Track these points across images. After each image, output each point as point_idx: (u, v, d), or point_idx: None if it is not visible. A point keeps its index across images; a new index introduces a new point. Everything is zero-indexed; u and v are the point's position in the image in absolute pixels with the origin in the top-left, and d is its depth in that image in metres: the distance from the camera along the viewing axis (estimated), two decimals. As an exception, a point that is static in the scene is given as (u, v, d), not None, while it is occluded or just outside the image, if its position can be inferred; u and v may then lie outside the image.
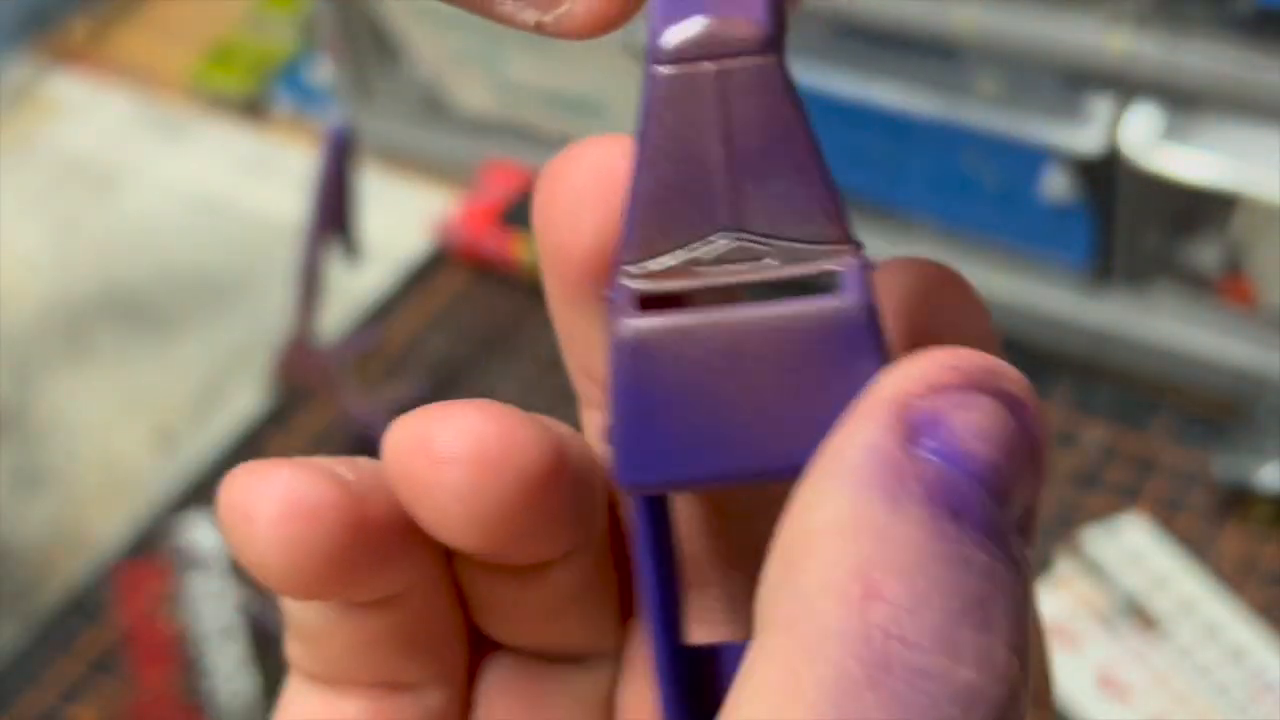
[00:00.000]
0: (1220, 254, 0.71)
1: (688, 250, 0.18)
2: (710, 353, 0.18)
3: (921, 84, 0.71)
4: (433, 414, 0.19)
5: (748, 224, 0.18)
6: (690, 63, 0.19)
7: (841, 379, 0.17)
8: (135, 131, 0.98)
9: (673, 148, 0.18)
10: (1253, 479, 0.66)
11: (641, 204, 0.18)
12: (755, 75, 0.18)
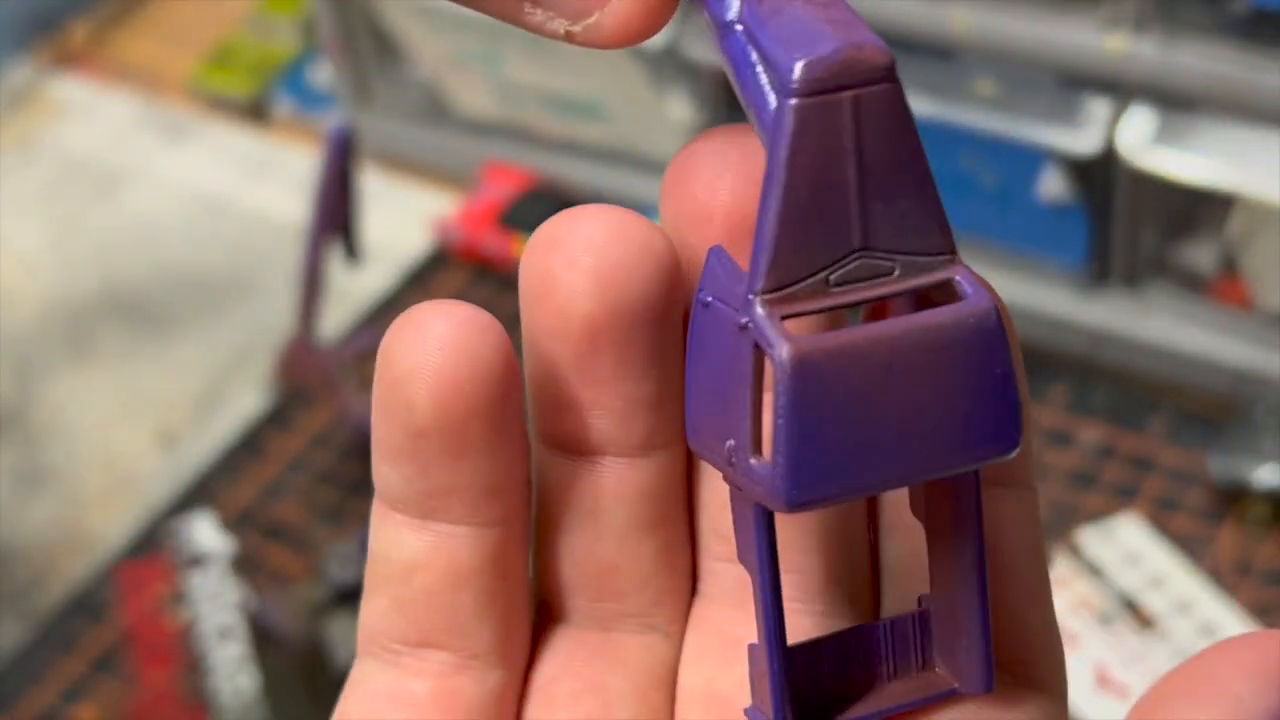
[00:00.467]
0: (1216, 254, 0.71)
1: (821, 275, 0.19)
2: (866, 368, 0.19)
3: (919, 85, 0.71)
4: (572, 214, 0.21)
5: (874, 242, 0.19)
6: (827, 94, 0.19)
7: (980, 374, 0.19)
8: (137, 133, 0.99)
9: (809, 176, 0.19)
10: (1249, 479, 0.67)
11: (779, 232, 0.19)
12: (885, 101, 0.19)
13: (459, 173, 0.90)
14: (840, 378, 0.19)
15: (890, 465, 0.19)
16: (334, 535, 0.73)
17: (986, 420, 0.19)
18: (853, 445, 0.19)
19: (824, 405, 0.19)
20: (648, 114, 0.82)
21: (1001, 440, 0.19)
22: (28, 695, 0.69)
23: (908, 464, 0.19)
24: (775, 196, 0.19)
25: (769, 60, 0.20)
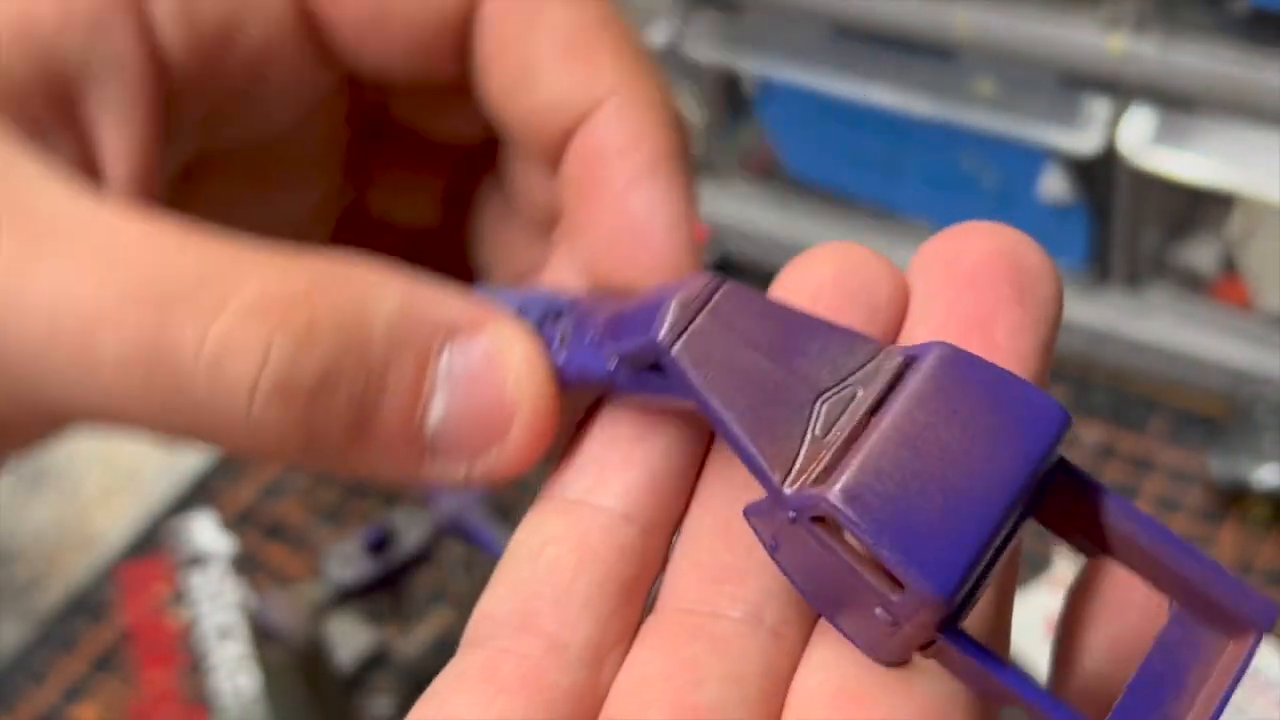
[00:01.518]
0: (1216, 254, 0.71)
1: (808, 437, 0.20)
2: (900, 455, 0.20)
3: (920, 85, 0.71)
4: None
5: (822, 385, 0.21)
6: (687, 327, 0.21)
7: (982, 390, 0.20)
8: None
9: (730, 381, 0.20)
10: (1249, 479, 0.67)
11: (752, 439, 0.20)
12: (733, 295, 0.21)
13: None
14: (887, 477, 0.19)
15: (987, 503, 0.19)
16: (334, 535, 0.73)
17: (1021, 416, 0.20)
18: (945, 515, 0.19)
19: (895, 508, 0.19)
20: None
21: (1046, 418, 0.20)
22: (29, 694, 0.69)
23: (997, 492, 0.20)
24: (725, 421, 0.20)
25: (627, 342, 0.21)
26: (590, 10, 0.25)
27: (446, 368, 0.22)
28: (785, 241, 0.80)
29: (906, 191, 0.76)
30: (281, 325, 0.21)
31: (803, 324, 0.21)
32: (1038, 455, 0.20)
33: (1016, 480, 0.20)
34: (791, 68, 0.74)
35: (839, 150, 0.77)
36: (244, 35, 0.24)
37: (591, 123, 0.24)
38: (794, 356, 0.20)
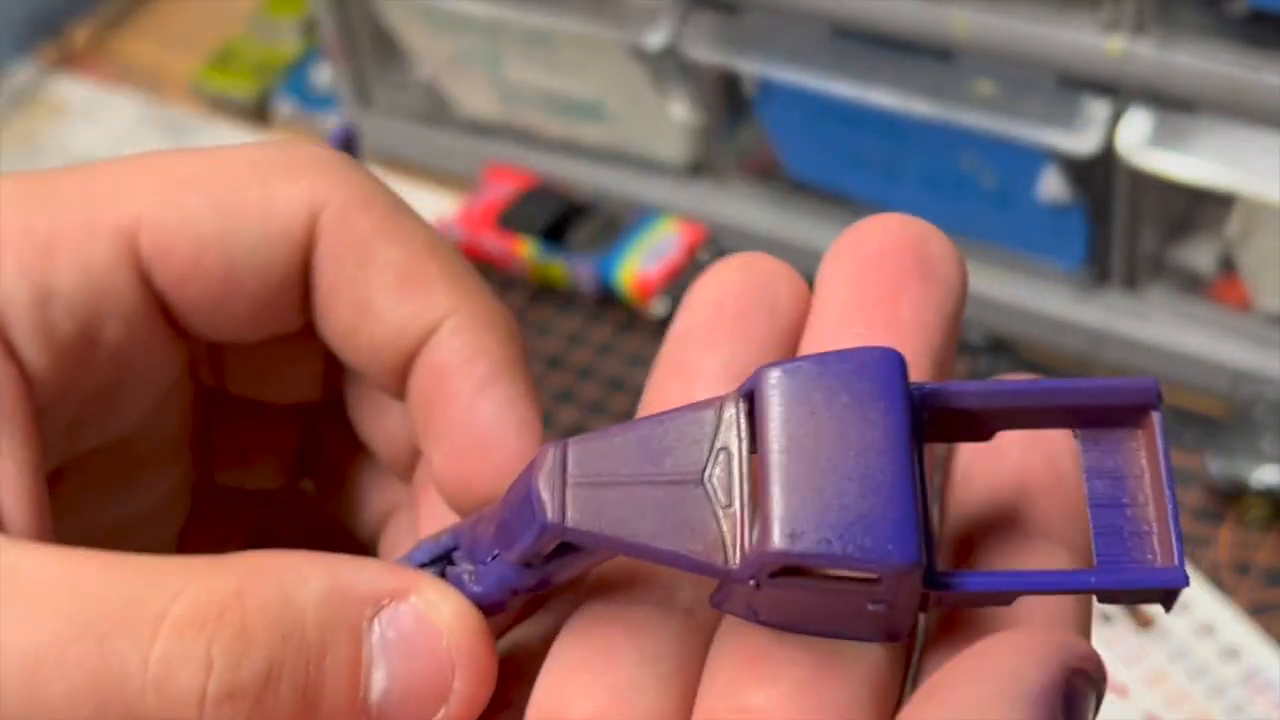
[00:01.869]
0: (1215, 255, 0.72)
1: (719, 514, 0.21)
2: (803, 483, 0.20)
3: (918, 86, 0.72)
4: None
5: (699, 465, 0.22)
6: (565, 496, 0.21)
7: (826, 387, 0.21)
8: (139, 133, 0.99)
9: (631, 517, 0.21)
10: (1248, 479, 0.67)
11: (681, 549, 0.21)
12: (579, 447, 0.22)
13: (460, 173, 0.90)
14: (806, 499, 0.20)
15: (892, 465, 0.20)
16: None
17: (866, 379, 0.21)
18: (868, 498, 0.20)
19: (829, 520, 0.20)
20: (648, 114, 0.82)
21: (886, 368, 0.21)
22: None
23: (892, 451, 0.20)
24: (649, 549, 0.21)
25: (523, 542, 0.22)
26: (418, 240, 0.26)
27: (380, 638, 0.23)
28: (784, 242, 0.80)
29: (905, 192, 0.76)
30: (218, 633, 0.22)
31: (647, 431, 0.21)
32: (900, 400, 0.21)
33: (900, 431, 0.20)
34: (790, 68, 0.74)
35: (838, 151, 0.77)
36: (103, 337, 0.25)
37: (432, 343, 0.26)
38: (661, 459, 0.21)
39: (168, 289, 0.25)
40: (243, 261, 0.25)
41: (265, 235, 0.25)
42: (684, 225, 0.82)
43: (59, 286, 0.24)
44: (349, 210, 0.25)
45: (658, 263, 0.81)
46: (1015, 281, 0.75)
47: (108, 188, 0.26)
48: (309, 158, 0.26)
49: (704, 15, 0.76)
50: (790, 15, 0.74)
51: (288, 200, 0.25)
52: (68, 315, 0.24)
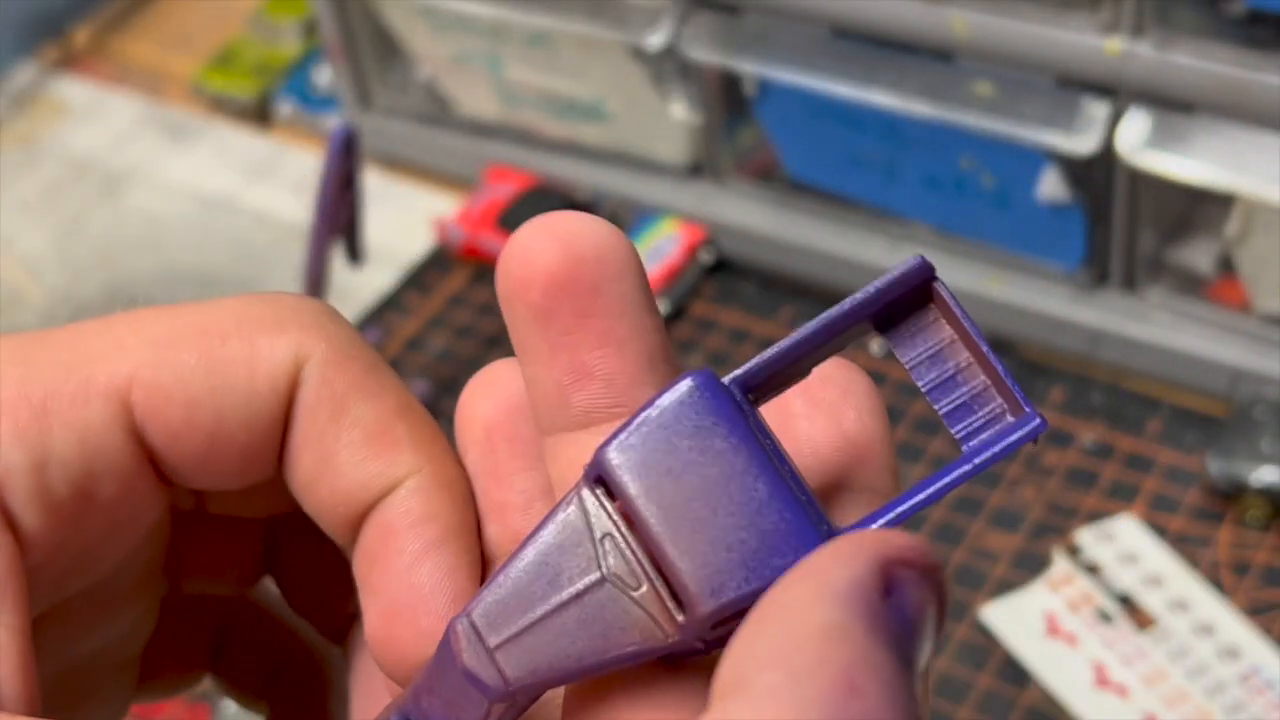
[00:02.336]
0: (1214, 256, 0.72)
1: (634, 599, 0.21)
2: (694, 533, 0.21)
3: (918, 87, 0.72)
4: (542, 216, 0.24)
5: (595, 567, 0.22)
6: (489, 651, 0.22)
7: (659, 433, 0.21)
8: (141, 134, 0.99)
9: (564, 638, 0.22)
10: (1246, 479, 0.67)
11: (621, 650, 0.21)
12: (488, 613, 0.22)
13: (460, 173, 0.90)
14: (708, 548, 0.21)
15: (759, 478, 0.21)
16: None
17: (686, 405, 0.22)
18: (755, 520, 0.21)
19: (737, 557, 0.20)
20: (648, 115, 0.82)
21: (699, 387, 0.21)
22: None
23: (749, 463, 0.21)
24: (597, 661, 0.21)
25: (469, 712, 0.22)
26: (389, 400, 0.26)
27: None
28: (784, 243, 0.80)
29: (905, 193, 0.76)
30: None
31: (530, 562, 0.21)
32: (728, 415, 0.21)
33: (745, 441, 0.21)
34: (790, 69, 0.74)
35: (837, 151, 0.77)
36: (97, 497, 0.26)
37: (387, 500, 0.26)
38: (559, 580, 0.21)
39: (159, 446, 0.26)
40: (232, 416, 0.26)
41: (253, 390, 0.26)
42: (684, 225, 0.82)
43: (55, 451, 0.25)
44: (328, 364, 0.26)
45: (658, 262, 0.81)
46: (1014, 281, 0.75)
47: (99, 348, 0.26)
48: (292, 311, 0.27)
49: (704, 16, 0.77)
50: (790, 16, 0.74)
51: (273, 354, 0.26)
52: (64, 479, 0.25)
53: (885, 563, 0.20)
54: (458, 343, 0.82)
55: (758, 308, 0.81)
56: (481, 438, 0.25)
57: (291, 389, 0.26)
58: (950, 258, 0.77)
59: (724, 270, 0.83)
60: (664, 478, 0.21)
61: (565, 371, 0.23)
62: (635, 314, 0.23)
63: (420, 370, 0.80)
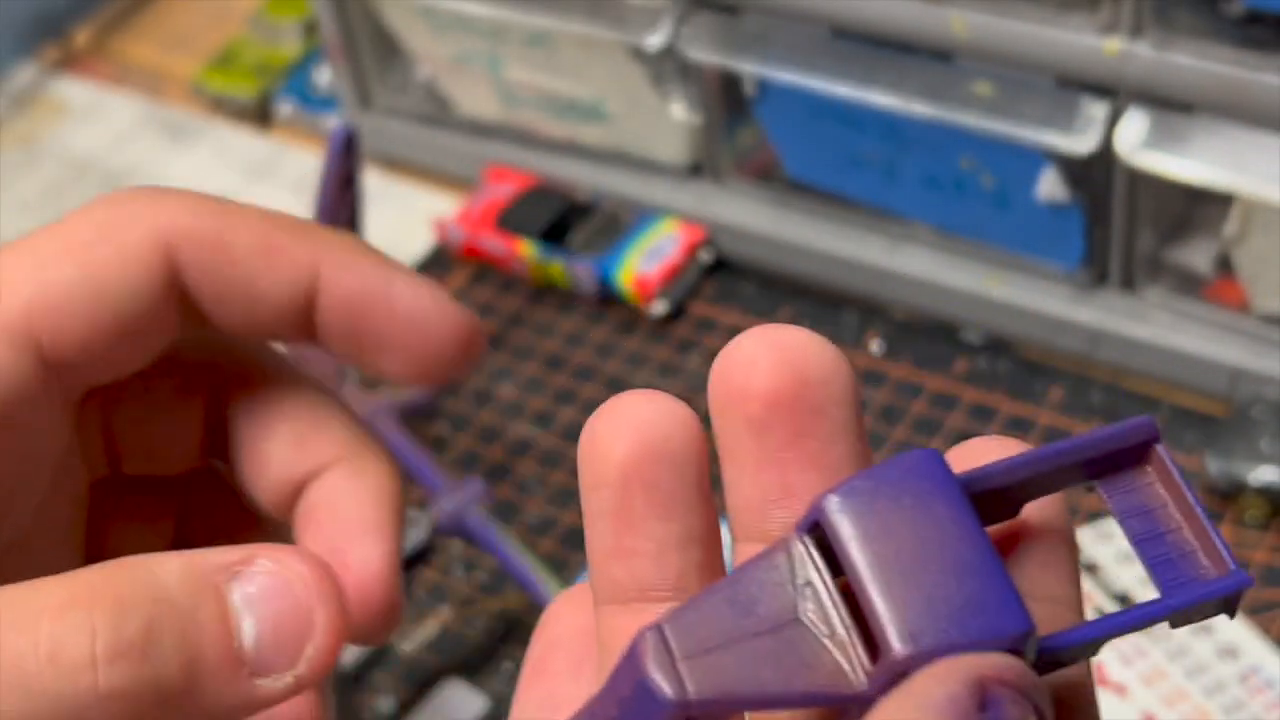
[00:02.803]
0: (1213, 256, 0.72)
1: (828, 644, 0.22)
2: (904, 585, 0.22)
3: (917, 87, 0.72)
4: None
5: (790, 606, 0.22)
6: (676, 668, 0.22)
7: (883, 496, 0.22)
8: (141, 134, 0.99)
9: (748, 667, 0.22)
10: (1245, 478, 0.67)
11: (812, 688, 0.22)
12: (676, 630, 0.22)
13: (460, 173, 0.90)
14: (912, 598, 0.21)
15: (972, 547, 0.22)
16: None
17: (916, 477, 0.23)
18: (964, 582, 0.21)
19: (939, 609, 0.21)
20: (648, 115, 0.82)
21: (929, 466, 0.23)
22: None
23: (966, 533, 0.22)
24: (781, 697, 0.21)
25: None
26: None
27: (241, 595, 0.26)
28: (783, 242, 0.81)
29: (904, 192, 0.77)
30: (96, 606, 0.25)
31: (730, 590, 0.22)
32: (955, 490, 0.22)
33: (966, 516, 0.21)
34: (790, 69, 0.75)
35: (837, 152, 0.77)
36: (11, 426, 0.29)
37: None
38: (754, 611, 0.21)
39: (68, 356, 0.29)
40: (121, 307, 0.30)
41: (125, 272, 0.30)
42: (684, 226, 0.82)
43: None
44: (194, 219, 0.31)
45: (657, 263, 0.81)
46: (1014, 281, 0.75)
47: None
48: (138, 196, 0.31)
49: (703, 16, 0.77)
50: (789, 16, 0.74)
51: (135, 234, 0.30)
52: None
53: (982, 681, 0.21)
54: (458, 342, 0.82)
55: (757, 307, 0.81)
56: (616, 479, 0.25)
57: (163, 254, 0.30)
58: (949, 257, 0.77)
59: (723, 270, 0.83)
60: (881, 530, 0.21)
61: (772, 487, 0.23)
62: (849, 441, 0.24)
63: (420, 370, 0.81)
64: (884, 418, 0.74)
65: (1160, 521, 0.22)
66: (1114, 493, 0.22)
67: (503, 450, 0.76)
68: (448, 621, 0.70)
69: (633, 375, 0.78)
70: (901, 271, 0.77)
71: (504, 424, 0.77)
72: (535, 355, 0.80)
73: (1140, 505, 0.22)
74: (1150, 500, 0.22)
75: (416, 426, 0.76)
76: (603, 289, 0.82)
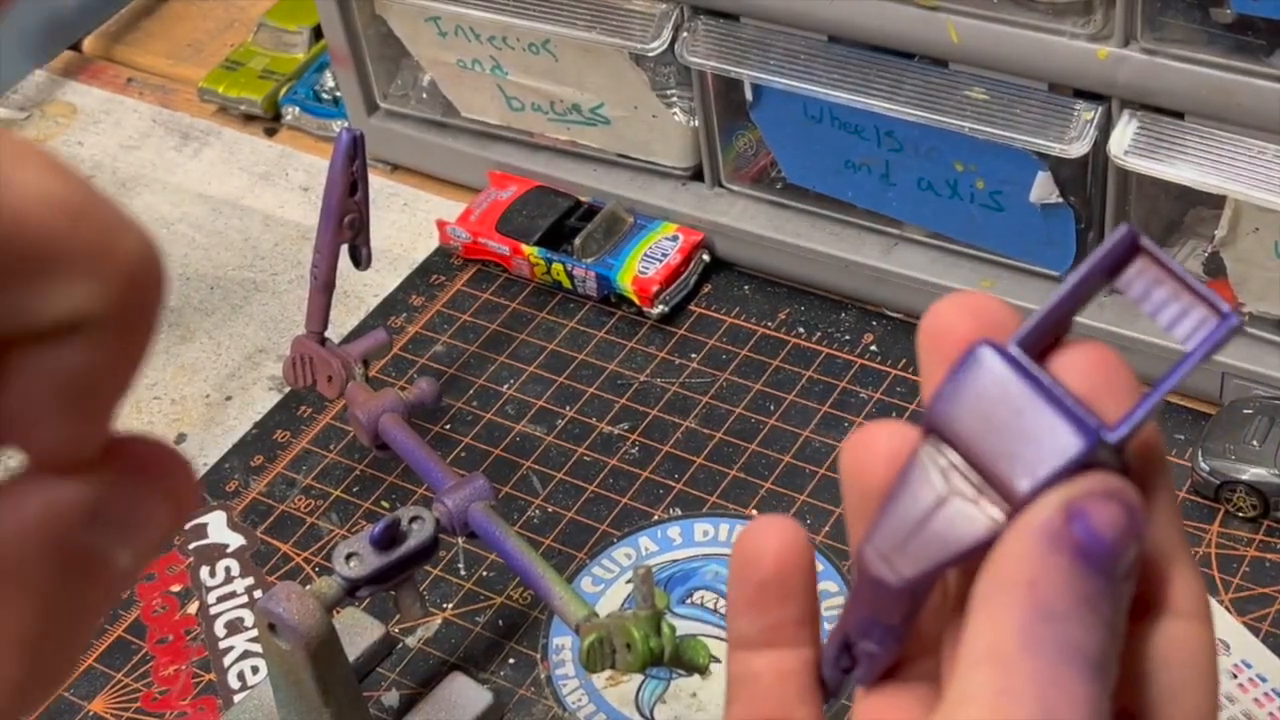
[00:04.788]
0: (1203, 257, 0.73)
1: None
2: None
3: (912, 93, 0.72)
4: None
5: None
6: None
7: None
8: (150, 139, 1.00)
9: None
10: (1235, 476, 0.68)
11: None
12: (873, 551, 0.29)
13: (464, 177, 0.91)
14: None
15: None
16: (343, 530, 0.74)
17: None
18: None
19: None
20: (648, 120, 0.83)
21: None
22: (44, 687, 0.70)
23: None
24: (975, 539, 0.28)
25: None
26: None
27: None
28: (781, 245, 0.81)
29: (899, 196, 0.77)
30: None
31: (897, 500, 0.28)
32: (1012, 363, 0.28)
33: (1027, 379, 0.28)
34: (787, 75, 0.75)
35: (833, 156, 0.78)
36: None
37: None
38: (924, 507, 0.28)
39: None
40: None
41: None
42: (683, 229, 0.83)
43: None
44: None
45: (658, 265, 0.82)
46: (1008, 283, 0.76)
47: None
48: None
49: (703, 23, 0.77)
50: (787, 23, 0.75)
51: None
52: None
53: (1065, 501, 0.26)
54: (462, 343, 0.83)
55: (755, 309, 0.82)
56: (753, 581, 0.30)
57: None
58: (944, 260, 0.78)
59: (722, 272, 0.84)
60: (975, 416, 0.27)
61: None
62: None
63: (424, 369, 0.82)
64: (882, 416, 0.75)
65: (1165, 294, 0.28)
66: (1127, 287, 0.28)
67: (505, 448, 0.77)
68: (452, 618, 0.70)
69: (633, 375, 0.79)
70: (897, 273, 0.78)
71: (507, 423, 0.78)
72: (537, 355, 0.81)
73: (1146, 287, 0.28)
74: (1152, 281, 0.28)
75: (421, 425, 0.77)
76: (604, 291, 0.82)
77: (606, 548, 0.72)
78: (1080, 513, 0.26)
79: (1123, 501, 0.27)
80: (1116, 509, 0.26)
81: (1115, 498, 0.27)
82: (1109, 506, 0.26)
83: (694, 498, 0.73)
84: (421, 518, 0.62)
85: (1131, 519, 0.27)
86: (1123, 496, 0.27)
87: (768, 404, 0.76)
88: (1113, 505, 0.26)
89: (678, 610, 0.69)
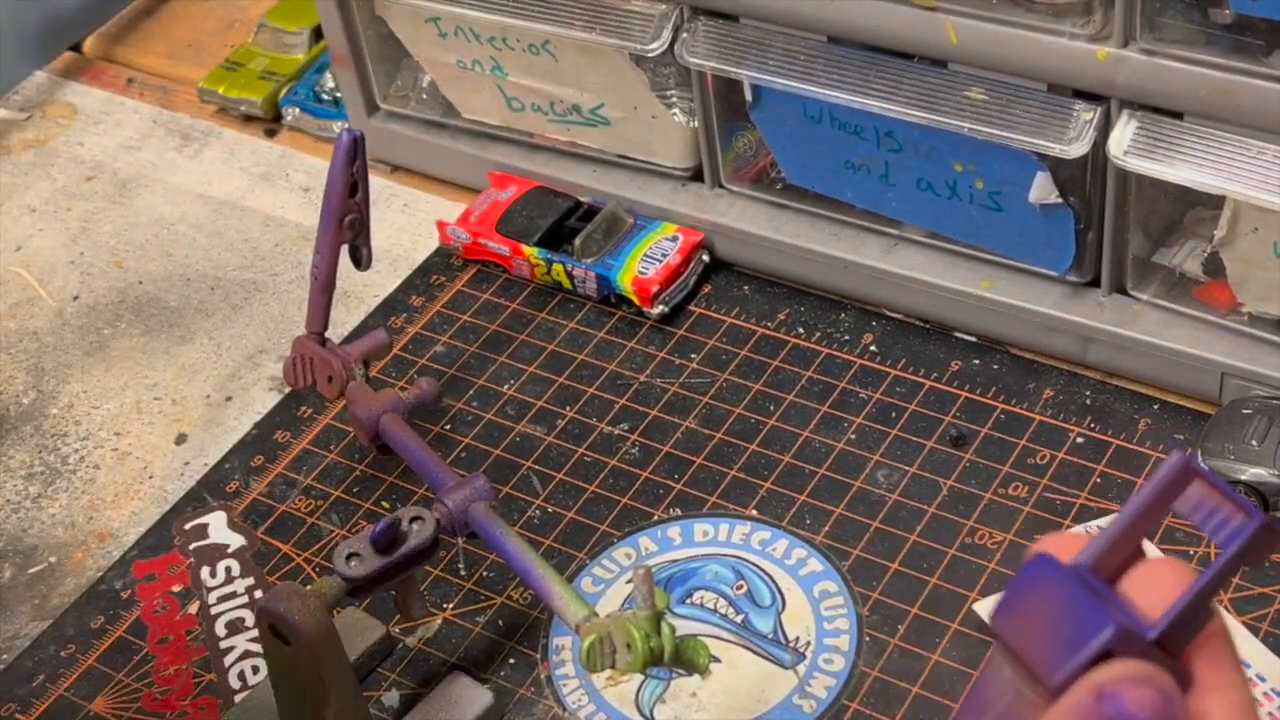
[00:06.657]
0: (1202, 258, 0.73)
1: None
2: None
3: (912, 93, 0.73)
4: None
5: None
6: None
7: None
8: (151, 139, 1.00)
9: None
10: (1235, 477, 0.68)
11: None
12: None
13: (464, 177, 0.91)
14: None
15: None
16: (343, 530, 0.74)
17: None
18: None
19: None
20: (648, 121, 0.83)
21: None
22: (42, 688, 0.70)
23: None
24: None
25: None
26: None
27: None
28: (781, 245, 0.81)
29: (899, 196, 0.77)
30: None
31: (975, 695, 0.34)
32: (1059, 571, 0.33)
33: (1069, 583, 0.33)
34: (786, 75, 0.75)
35: (833, 156, 0.78)
36: None
37: None
38: (990, 702, 0.34)
39: None
40: None
41: None
42: (683, 229, 0.83)
43: None
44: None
45: (657, 265, 0.82)
46: (1007, 284, 0.76)
47: None
48: None
49: (702, 24, 0.78)
50: (786, 24, 0.75)
51: None
52: None
53: (1096, 685, 0.30)
54: (462, 343, 0.83)
55: (755, 309, 0.82)
56: None
57: None
58: (943, 260, 0.78)
59: (722, 272, 0.84)
60: (1023, 617, 0.33)
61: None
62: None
63: (424, 369, 0.82)
64: (881, 416, 0.75)
65: (1209, 508, 0.32)
66: (1183, 512, 0.33)
67: (506, 449, 0.77)
68: (453, 617, 0.70)
69: (633, 375, 0.79)
70: (897, 274, 0.78)
71: (507, 423, 0.78)
72: (537, 356, 0.81)
73: (1194, 506, 0.33)
74: (1197, 501, 0.33)
75: (421, 425, 0.77)
76: (604, 291, 0.83)
77: (606, 548, 0.72)
78: (1112, 695, 0.30)
79: (1155, 686, 0.30)
80: (1149, 693, 0.30)
81: (1147, 683, 0.30)
82: (1140, 690, 0.30)
83: (694, 498, 0.73)
84: (422, 518, 0.62)
85: (1166, 703, 0.30)
86: (1155, 682, 0.30)
87: (767, 404, 0.77)
88: (1144, 689, 0.30)
89: (678, 610, 0.69)
